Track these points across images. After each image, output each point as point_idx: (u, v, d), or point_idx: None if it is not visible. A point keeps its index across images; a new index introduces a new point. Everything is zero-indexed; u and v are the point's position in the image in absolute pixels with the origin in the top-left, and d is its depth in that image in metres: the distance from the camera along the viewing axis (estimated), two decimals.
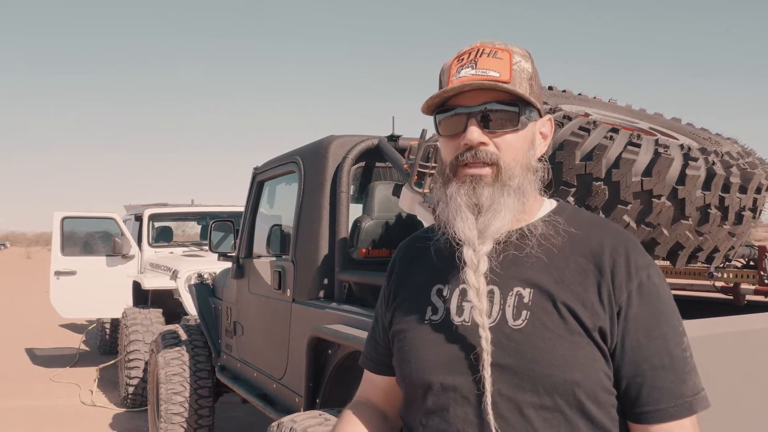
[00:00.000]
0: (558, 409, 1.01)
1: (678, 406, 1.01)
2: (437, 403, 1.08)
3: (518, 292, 1.07)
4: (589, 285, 1.05)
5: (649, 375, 1.02)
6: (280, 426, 2.28)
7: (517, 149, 1.08)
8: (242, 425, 5.26)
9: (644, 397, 1.02)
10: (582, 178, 1.89)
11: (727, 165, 1.97)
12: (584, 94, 2.46)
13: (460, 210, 1.06)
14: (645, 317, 1.03)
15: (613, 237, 1.09)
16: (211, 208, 8.53)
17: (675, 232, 1.93)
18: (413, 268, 1.23)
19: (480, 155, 1.06)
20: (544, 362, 1.01)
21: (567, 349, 1.01)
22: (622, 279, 1.04)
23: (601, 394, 1.02)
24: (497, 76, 1.06)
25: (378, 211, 2.96)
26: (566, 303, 1.03)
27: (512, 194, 1.07)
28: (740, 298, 2.62)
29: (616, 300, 1.03)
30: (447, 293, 1.13)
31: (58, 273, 7.29)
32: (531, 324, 1.04)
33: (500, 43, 1.11)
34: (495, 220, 1.05)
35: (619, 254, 1.06)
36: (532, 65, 1.12)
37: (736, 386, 1.65)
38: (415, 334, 1.13)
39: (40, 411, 5.90)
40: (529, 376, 1.02)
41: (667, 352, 1.03)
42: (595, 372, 1.01)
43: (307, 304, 2.85)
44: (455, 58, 1.12)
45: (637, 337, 1.03)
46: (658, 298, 1.05)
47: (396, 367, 1.18)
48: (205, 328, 4.34)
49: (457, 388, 1.06)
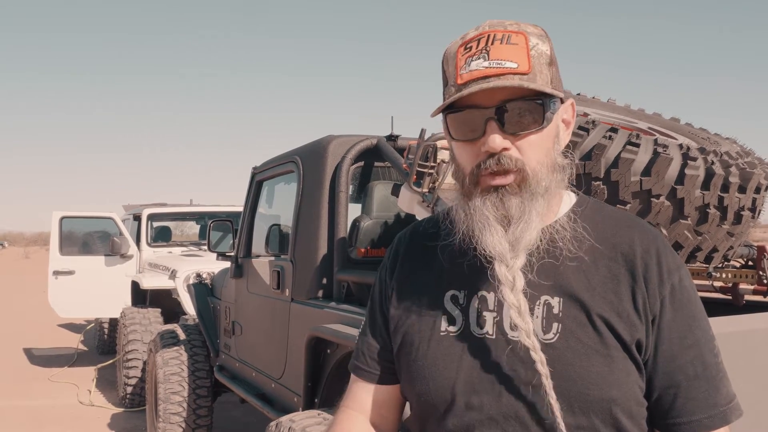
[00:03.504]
0: (594, 428, 0.94)
1: (712, 416, 0.96)
2: (460, 424, 0.98)
3: (546, 302, 0.98)
4: (623, 292, 0.97)
5: (684, 386, 0.96)
6: (278, 425, 2.28)
7: (541, 150, 0.97)
8: (240, 425, 5.26)
9: (677, 409, 0.96)
10: (581, 177, 1.89)
11: (726, 165, 1.97)
12: (583, 94, 2.46)
13: (488, 223, 0.96)
14: (678, 324, 0.97)
15: (642, 237, 1.01)
16: (210, 207, 8.52)
17: (674, 231, 1.93)
18: (420, 267, 1.11)
19: (504, 161, 0.95)
20: (579, 380, 0.93)
21: (603, 366, 0.94)
22: (656, 284, 0.97)
23: (635, 408, 0.96)
24: (515, 67, 0.93)
25: (377, 210, 2.95)
26: (601, 315, 0.96)
27: (540, 199, 0.96)
28: (739, 298, 2.62)
29: (651, 308, 0.96)
30: (463, 301, 1.03)
31: (57, 273, 7.29)
32: (564, 338, 0.96)
33: (511, 23, 0.97)
34: (527, 232, 0.95)
35: (651, 257, 0.99)
36: (550, 45, 0.98)
37: (735, 386, 1.64)
38: (429, 347, 1.02)
39: (38, 411, 5.89)
40: (562, 395, 0.93)
41: (701, 360, 0.97)
42: (630, 387, 0.95)
43: (306, 304, 2.85)
44: (461, 45, 0.97)
45: (671, 346, 0.96)
46: (690, 302, 0.99)
47: (407, 382, 1.06)
48: (204, 328, 4.34)
49: (484, 409, 0.97)
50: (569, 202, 1.06)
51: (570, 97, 1.07)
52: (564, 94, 1.01)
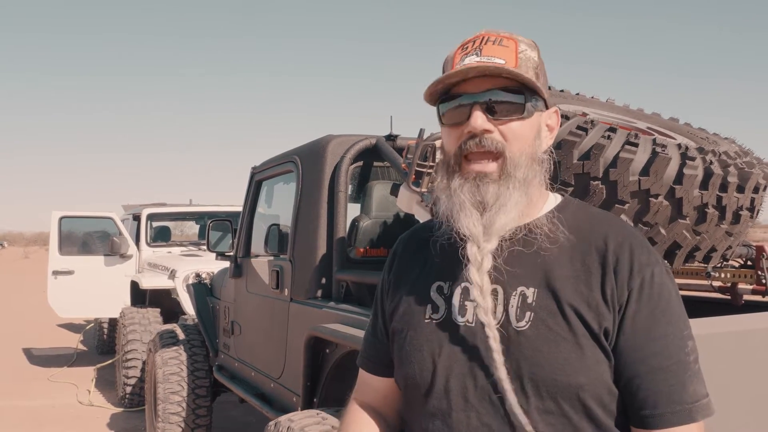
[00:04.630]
0: (562, 413, 0.98)
1: (676, 412, 0.98)
2: (439, 406, 1.04)
3: (522, 292, 1.04)
4: (594, 284, 1.01)
5: (646, 377, 0.98)
6: (277, 425, 2.28)
7: (523, 138, 1.05)
8: (239, 424, 5.26)
9: (641, 400, 0.99)
10: (579, 177, 1.88)
11: (725, 164, 1.97)
12: (582, 94, 2.46)
13: (464, 206, 1.03)
14: (644, 316, 1.00)
15: (617, 233, 1.06)
16: (209, 207, 8.52)
17: (672, 231, 1.93)
18: (413, 263, 1.18)
19: (485, 143, 1.03)
20: (547, 366, 0.98)
21: (571, 353, 0.98)
22: (625, 277, 1.01)
23: (606, 396, 0.99)
24: (503, 63, 1.03)
25: (376, 210, 2.95)
26: (571, 304, 1.00)
27: (518, 187, 1.03)
28: (737, 297, 2.62)
29: (618, 298, 1.00)
30: (448, 291, 1.09)
31: (56, 272, 7.28)
32: (534, 326, 1.00)
33: (506, 32, 1.08)
34: (500, 216, 1.02)
35: (623, 251, 1.03)
36: (539, 55, 1.09)
37: (733, 386, 1.64)
38: (415, 333, 1.09)
39: (37, 411, 5.89)
40: (532, 380, 0.98)
41: (667, 354, 0.99)
42: (600, 375, 0.98)
43: (305, 304, 2.85)
44: (459, 47, 1.08)
45: (633, 336, 0.99)
46: (660, 297, 1.01)
47: (396, 366, 1.14)
48: (203, 328, 4.34)
49: (461, 391, 1.02)
50: (554, 203, 1.13)
51: (570, 100, 1.11)
52: (549, 99, 1.10)
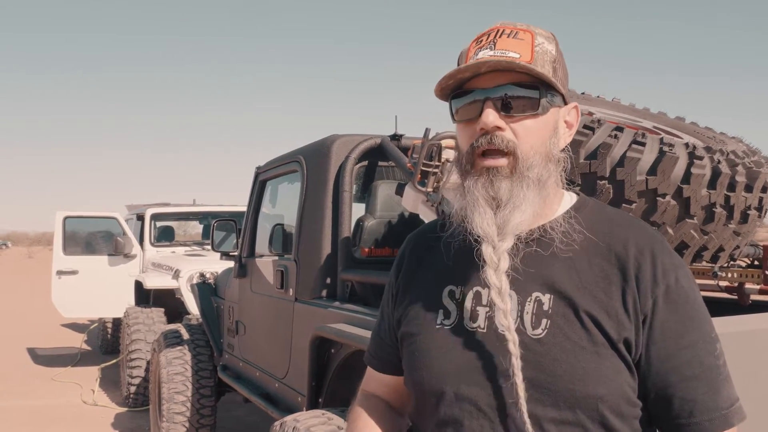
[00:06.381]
0: (579, 424, 0.95)
1: (713, 420, 0.95)
2: (450, 414, 1.01)
3: (537, 298, 1.00)
4: (614, 291, 0.97)
5: (679, 386, 0.95)
6: (282, 425, 2.27)
7: (536, 136, 1.00)
8: (244, 425, 5.26)
9: (676, 410, 0.96)
10: (586, 176, 1.88)
11: (733, 164, 1.96)
12: (587, 93, 2.46)
13: (477, 204, 0.99)
14: (673, 324, 0.96)
15: (638, 237, 1.02)
16: (213, 207, 8.52)
17: (680, 231, 1.92)
18: (423, 265, 1.15)
19: (495, 141, 0.99)
20: (565, 376, 0.94)
21: (590, 362, 0.94)
22: (648, 284, 0.97)
23: (624, 407, 0.96)
24: (517, 57, 0.98)
25: (381, 210, 2.95)
26: (589, 312, 0.96)
27: (532, 187, 0.99)
28: (745, 297, 2.61)
29: (642, 308, 0.96)
30: (459, 296, 1.06)
31: (60, 272, 7.30)
32: (551, 334, 0.97)
33: (522, 24, 1.03)
34: (514, 215, 0.98)
35: (644, 257, 0.99)
36: (557, 48, 1.04)
37: (740, 387, 1.63)
38: (426, 339, 1.06)
39: (41, 410, 5.90)
40: (549, 390, 0.95)
41: (698, 360, 0.96)
42: (619, 385, 0.95)
43: (310, 304, 2.84)
44: (474, 40, 1.04)
45: (664, 346, 0.96)
46: (687, 302, 0.98)
47: (406, 372, 1.11)
48: (207, 328, 4.34)
49: (473, 400, 0.99)
50: (569, 202, 1.09)
51: (575, 100, 1.08)
52: (568, 94, 1.05)
